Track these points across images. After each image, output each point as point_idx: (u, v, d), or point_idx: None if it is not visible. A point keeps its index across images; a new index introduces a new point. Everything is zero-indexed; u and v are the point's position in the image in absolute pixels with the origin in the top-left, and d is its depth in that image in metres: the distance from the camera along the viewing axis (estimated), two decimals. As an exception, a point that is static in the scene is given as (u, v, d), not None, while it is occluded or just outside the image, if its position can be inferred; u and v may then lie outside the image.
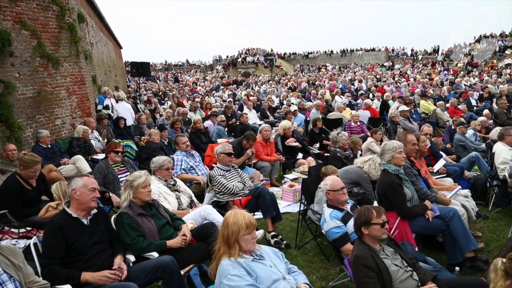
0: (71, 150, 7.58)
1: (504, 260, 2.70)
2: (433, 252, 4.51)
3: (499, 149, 5.78)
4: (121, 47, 26.46)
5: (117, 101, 11.57)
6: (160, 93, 23.23)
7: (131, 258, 3.41)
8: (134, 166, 6.05)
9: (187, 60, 47.76)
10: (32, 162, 4.74)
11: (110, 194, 5.17)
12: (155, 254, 3.41)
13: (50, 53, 8.37)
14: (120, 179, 5.46)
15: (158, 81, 36.43)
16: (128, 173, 5.48)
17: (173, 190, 4.69)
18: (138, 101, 16.75)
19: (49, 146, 7.21)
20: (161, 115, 13.10)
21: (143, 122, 10.57)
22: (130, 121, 10.92)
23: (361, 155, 7.31)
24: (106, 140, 8.81)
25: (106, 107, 10.94)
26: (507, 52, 29.96)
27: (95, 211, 3.34)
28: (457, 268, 3.60)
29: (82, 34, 10.06)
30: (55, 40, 8.57)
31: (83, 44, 9.81)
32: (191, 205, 4.76)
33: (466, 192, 4.97)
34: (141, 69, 18.17)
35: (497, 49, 30.62)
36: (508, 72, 23.66)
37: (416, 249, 3.90)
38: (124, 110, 11.19)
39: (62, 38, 8.76)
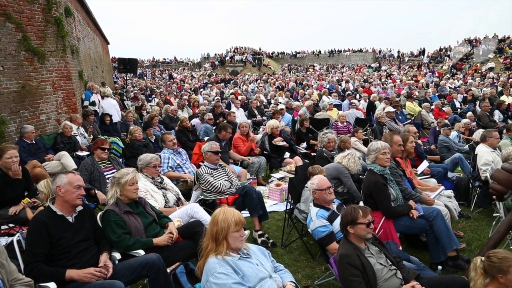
0: (56, 146, 7.49)
1: (483, 258, 2.79)
2: (417, 251, 4.60)
3: (481, 151, 5.91)
4: (108, 43, 26.15)
5: (103, 97, 11.44)
6: (148, 90, 23.03)
7: (117, 255, 3.39)
8: (120, 163, 6.01)
9: (175, 57, 47.47)
10: (6, 148, 4.66)
11: (96, 191, 5.13)
12: (141, 252, 3.41)
13: (35, 47, 8.22)
14: (106, 176, 5.42)
15: (145, 77, 36.09)
16: (115, 170, 5.44)
17: (160, 188, 4.68)
18: (125, 97, 16.59)
19: (34, 141, 7.10)
20: (148, 112, 13.00)
21: (129, 119, 10.49)
22: (116, 118, 10.82)
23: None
24: (92, 137, 8.71)
25: (93, 103, 10.82)
26: (490, 56, 30.56)
27: (80, 208, 3.31)
28: (439, 267, 3.67)
29: (69, 28, 9.91)
30: (41, 34, 8.43)
31: (69, 39, 9.67)
32: (178, 203, 4.75)
33: (449, 192, 5.08)
34: (128, 66, 17.97)
35: (481, 53, 31.21)
36: (491, 75, 24.12)
37: (400, 248, 3.97)
38: (110, 107, 11.06)
39: (48, 32, 8.62)
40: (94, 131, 9.11)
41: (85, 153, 7.42)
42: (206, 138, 8.69)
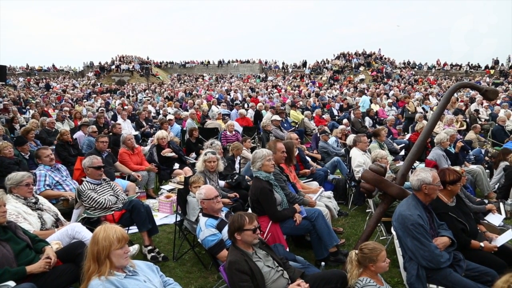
0: None
1: (356, 251, 3.13)
2: (303, 250, 4.90)
3: (355, 154, 6.58)
4: (-32, 48, 22.94)
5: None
6: (22, 101, 20.75)
7: (-20, 292, 2.98)
8: (-15, 184, 5.30)
9: (53, 65, 43.59)
10: None
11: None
12: (11, 284, 3.03)
13: None
14: (-33, 201, 4.73)
15: (18, 87, 32.46)
16: (-23, 193, 4.78)
17: (35, 209, 4.22)
18: (-9, 109, 14.75)
19: None
20: (21, 126, 11.70)
21: (-1, 134, 9.30)
22: (-22, 133, 9.50)
23: (240, 161, 7.61)
24: None
25: None
26: (361, 68, 34.34)
27: None
28: (322, 263, 3.97)
29: None
30: None
31: None
32: (57, 224, 4.35)
33: (329, 193, 5.54)
34: (-5, 73, 16.01)
35: (353, 66, 34.88)
36: (362, 86, 27.05)
37: (288, 249, 4.20)
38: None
39: None
40: (-50, 149, 7.87)
41: None
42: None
